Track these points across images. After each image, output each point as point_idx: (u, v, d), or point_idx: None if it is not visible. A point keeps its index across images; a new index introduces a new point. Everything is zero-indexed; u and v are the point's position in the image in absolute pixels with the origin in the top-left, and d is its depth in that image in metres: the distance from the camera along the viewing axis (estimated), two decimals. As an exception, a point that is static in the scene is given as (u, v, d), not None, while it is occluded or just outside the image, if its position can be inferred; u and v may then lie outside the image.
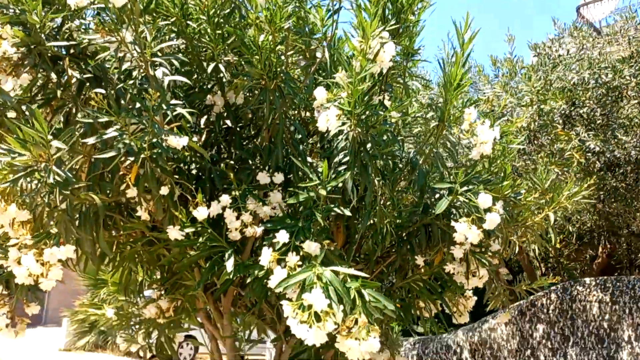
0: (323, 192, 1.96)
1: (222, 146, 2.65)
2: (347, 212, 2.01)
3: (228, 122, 2.58)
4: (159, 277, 2.71)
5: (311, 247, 1.95)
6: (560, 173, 3.76)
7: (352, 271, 1.82)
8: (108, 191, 2.00)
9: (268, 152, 2.43)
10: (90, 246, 1.83)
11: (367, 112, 1.97)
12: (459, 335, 4.63)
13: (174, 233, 2.00)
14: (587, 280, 4.23)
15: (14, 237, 2.13)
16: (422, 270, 2.54)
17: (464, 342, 4.57)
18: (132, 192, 1.88)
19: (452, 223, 2.10)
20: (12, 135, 1.61)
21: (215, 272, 2.16)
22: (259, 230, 2.18)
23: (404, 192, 2.40)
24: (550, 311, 4.22)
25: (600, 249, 6.39)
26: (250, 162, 2.54)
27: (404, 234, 2.45)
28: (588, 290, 4.18)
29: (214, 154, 2.42)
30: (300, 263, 1.92)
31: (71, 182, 1.63)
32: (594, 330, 4.01)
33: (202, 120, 2.59)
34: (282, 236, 1.94)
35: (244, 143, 2.64)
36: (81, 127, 1.93)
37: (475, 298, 2.86)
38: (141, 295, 2.67)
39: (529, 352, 4.21)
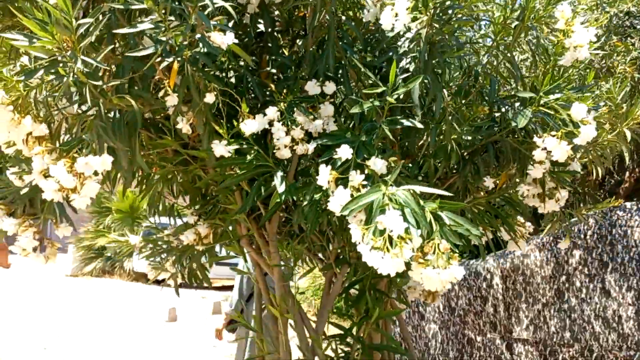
0: (391, 100, 1.67)
1: (255, 53, 2.33)
2: (419, 125, 1.73)
3: (261, 26, 2.25)
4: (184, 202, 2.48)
5: (377, 164, 1.69)
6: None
7: (429, 189, 1.56)
8: (139, 100, 1.70)
9: (313, 59, 2.12)
10: (125, 160, 1.55)
11: (448, 3, 1.65)
12: (489, 261, 4.47)
13: (219, 149, 1.72)
14: (628, 204, 4.02)
15: (28, 155, 1.87)
16: (482, 193, 2.31)
17: (494, 269, 4.43)
18: (171, 100, 1.59)
19: (535, 138, 1.83)
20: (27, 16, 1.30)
21: (262, 195, 1.91)
22: (310, 147, 1.91)
23: (471, 104, 2.11)
24: (588, 237, 4.04)
25: (627, 174, 6.18)
26: (290, 70, 2.23)
27: (465, 153, 2.18)
28: (629, 214, 3.97)
29: (255, 59, 2.10)
30: (365, 182, 1.67)
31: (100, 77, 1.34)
32: (635, 256, 3.84)
33: (230, 24, 2.26)
34: (345, 152, 1.67)
35: (281, 50, 2.32)
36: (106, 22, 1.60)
37: (529, 224, 2.64)
38: (172, 220, 2.44)
39: (564, 278, 4.06)
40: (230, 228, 2.25)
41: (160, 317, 8.78)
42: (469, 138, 2.05)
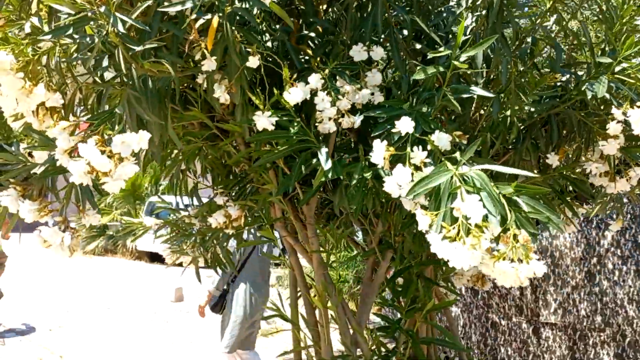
0: (460, 65, 1.46)
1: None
2: (489, 94, 1.52)
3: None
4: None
5: (442, 139, 1.48)
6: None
7: (507, 169, 1.36)
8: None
9: (353, 23, 1.90)
10: (157, 134, 1.34)
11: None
12: (515, 242, 4.29)
13: (263, 121, 1.51)
14: (664, 183, 3.83)
15: (39, 129, 1.66)
16: (535, 171, 2.11)
17: (520, 250, 4.24)
18: (209, 65, 1.38)
19: (613, 110, 1.63)
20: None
21: (302, 173, 1.71)
22: (357, 119, 1.70)
23: (527, 72, 1.90)
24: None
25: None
26: (327, 35, 2.01)
27: (522, 127, 1.97)
28: (665, 194, 3.78)
29: (295, 20, 1.87)
30: (427, 160, 1.47)
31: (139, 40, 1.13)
32: (671, 238, 3.66)
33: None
34: (406, 124, 1.46)
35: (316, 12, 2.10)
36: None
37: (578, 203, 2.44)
38: (193, 201, 2.24)
39: (595, 260, 3.89)
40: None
41: (167, 297, 8.64)
42: (532, 110, 1.84)
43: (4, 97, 1.59)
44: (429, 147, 1.48)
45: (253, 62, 1.42)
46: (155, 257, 13.21)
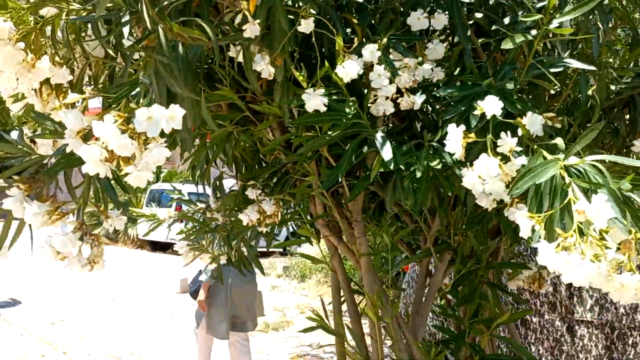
0: (559, 31, 1.20)
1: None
2: (590, 67, 1.25)
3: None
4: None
5: (535, 122, 1.22)
6: None
7: (627, 160, 1.11)
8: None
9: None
10: (191, 113, 1.07)
11: None
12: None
13: (314, 101, 1.25)
14: None
15: (42, 111, 1.40)
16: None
17: (553, 242, 4.00)
18: (252, 30, 1.11)
19: None
20: None
21: (352, 163, 1.45)
22: (418, 100, 1.44)
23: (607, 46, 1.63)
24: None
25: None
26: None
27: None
28: None
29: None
30: (518, 148, 1.21)
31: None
32: None
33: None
34: (492, 105, 1.20)
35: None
36: None
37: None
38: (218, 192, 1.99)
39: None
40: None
41: (171, 288, 8.41)
42: (614, 88, 1.59)
43: (1, 73, 1.33)
44: (519, 132, 1.22)
45: (306, 26, 1.15)
46: (157, 246, 12.98)
